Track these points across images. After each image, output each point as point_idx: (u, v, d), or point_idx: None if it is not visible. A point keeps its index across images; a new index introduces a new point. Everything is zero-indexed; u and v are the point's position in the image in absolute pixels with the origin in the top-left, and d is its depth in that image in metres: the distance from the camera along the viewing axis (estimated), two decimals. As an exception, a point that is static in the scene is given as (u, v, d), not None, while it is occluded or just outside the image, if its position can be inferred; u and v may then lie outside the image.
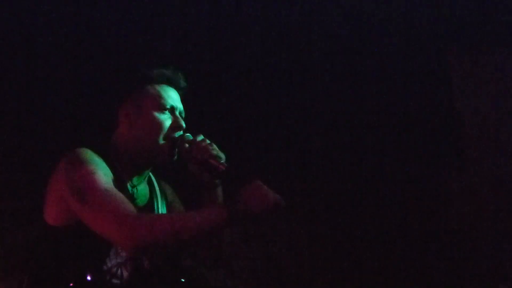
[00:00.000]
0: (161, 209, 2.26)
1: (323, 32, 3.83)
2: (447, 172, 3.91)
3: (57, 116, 3.46)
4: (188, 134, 2.16)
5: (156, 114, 2.14)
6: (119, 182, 2.03)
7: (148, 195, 2.23)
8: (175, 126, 2.16)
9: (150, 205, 2.21)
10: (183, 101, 2.26)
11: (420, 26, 3.81)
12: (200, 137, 2.15)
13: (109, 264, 2.01)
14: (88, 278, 1.96)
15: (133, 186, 2.15)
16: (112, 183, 1.95)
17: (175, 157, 2.15)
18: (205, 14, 3.69)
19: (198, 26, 3.68)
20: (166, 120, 2.15)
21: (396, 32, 3.84)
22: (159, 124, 2.13)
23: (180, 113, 2.22)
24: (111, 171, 2.02)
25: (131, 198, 2.08)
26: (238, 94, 3.80)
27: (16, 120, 3.48)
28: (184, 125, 2.18)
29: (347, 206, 3.91)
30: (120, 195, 1.89)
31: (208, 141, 2.14)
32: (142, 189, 2.21)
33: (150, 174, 2.29)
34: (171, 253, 2.21)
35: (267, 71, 3.87)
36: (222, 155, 2.13)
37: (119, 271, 2.03)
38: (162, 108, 2.15)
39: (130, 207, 1.87)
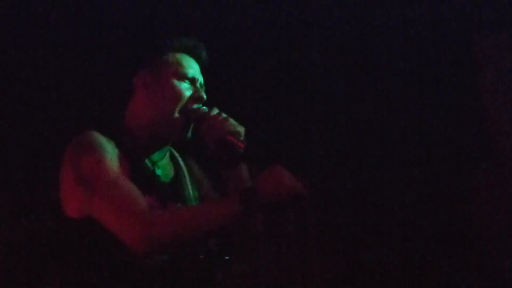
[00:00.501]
0: (190, 186, 2.07)
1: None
2: (472, 168, 3.79)
3: (67, 89, 3.34)
4: (204, 107, 1.99)
5: (176, 82, 1.98)
6: (137, 160, 1.88)
7: (173, 172, 2.05)
8: (195, 97, 1.99)
9: (176, 182, 2.03)
10: (203, 74, 2.09)
11: (443, 12, 3.71)
12: (215, 111, 1.97)
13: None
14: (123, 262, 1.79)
15: (153, 163, 1.98)
16: (121, 171, 1.78)
17: (189, 133, 1.98)
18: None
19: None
20: (187, 89, 1.99)
21: (418, 20, 3.75)
22: (179, 93, 1.96)
23: (200, 85, 2.05)
24: (126, 151, 1.86)
25: (152, 175, 1.93)
26: (262, 69, 3.71)
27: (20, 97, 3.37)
28: (205, 97, 2.02)
29: (371, 203, 3.81)
30: (129, 187, 1.74)
31: (224, 115, 1.96)
32: (164, 165, 2.03)
33: (173, 150, 2.12)
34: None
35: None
36: (241, 130, 1.95)
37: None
38: (183, 77, 1.99)
39: (141, 201, 1.72)
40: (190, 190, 2.06)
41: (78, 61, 3.37)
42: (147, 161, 1.95)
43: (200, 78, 2.06)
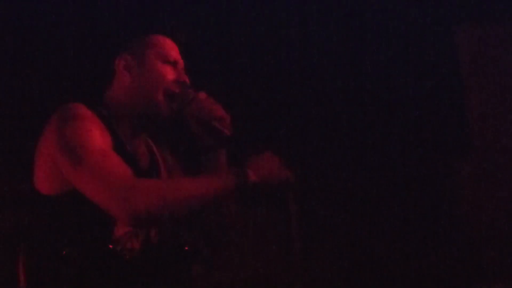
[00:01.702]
0: (163, 170, 2.06)
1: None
2: (454, 160, 3.78)
3: (46, 72, 3.29)
4: (190, 90, 1.97)
5: (159, 64, 1.96)
6: (117, 142, 1.83)
7: (149, 158, 2.03)
8: (178, 79, 1.97)
9: (151, 166, 2.01)
10: (183, 57, 2.06)
11: (426, 3, 3.71)
12: (203, 95, 1.96)
13: (117, 234, 1.80)
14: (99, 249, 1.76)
15: (134, 147, 1.95)
16: (108, 143, 1.76)
17: (173, 114, 1.95)
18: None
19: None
20: (169, 72, 1.96)
21: (401, 12, 3.75)
22: (162, 75, 1.94)
23: (181, 68, 2.03)
24: (108, 129, 1.82)
25: (133, 159, 1.89)
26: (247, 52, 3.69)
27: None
28: (187, 80, 1.99)
29: (351, 200, 3.79)
30: (118, 158, 1.70)
31: (212, 100, 1.95)
32: (143, 150, 2.01)
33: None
34: (175, 225, 2.00)
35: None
36: (228, 117, 1.94)
37: (128, 243, 1.83)
38: (166, 59, 1.97)
39: (127, 171, 1.68)
40: (163, 175, 2.04)
41: (57, 41, 3.32)
42: (127, 144, 1.92)
43: (181, 61, 2.03)
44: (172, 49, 2.01)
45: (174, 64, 1.99)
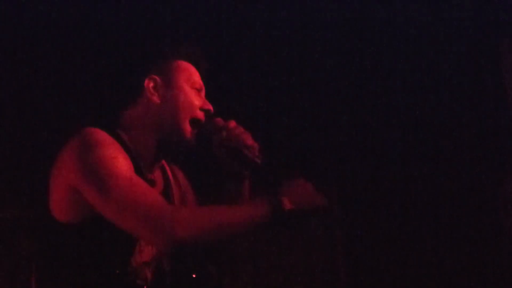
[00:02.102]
0: (176, 196, 2.04)
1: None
2: (499, 175, 3.68)
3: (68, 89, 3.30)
4: (219, 118, 1.95)
5: (189, 89, 1.94)
6: (136, 166, 1.79)
7: (162, 180, 2.00)
8: (204, 108, 1.94)
9: (166, 193, 1.97)
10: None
11: (469, 18, 3.64)
12: (233, 123, 1.94)
13: (134, 264, 1.79)
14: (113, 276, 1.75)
15: (151, 173, 1.92)
16: (133, 169, 1.72)
17: (195, 141, 1.93)
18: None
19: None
20: (197, 98, 1.94)
21: (444, 25, 3.69)
22: (191, 100, 1.92)
23: (204, 96, 2.01)
24: (126, 151, 1.79)
25: (149, 184, 1.82)
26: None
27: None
28: (212, 108, 1.96)
29: (394, 207, 3.76)
30: (148, 186, 1.68)
31: (241, 128, 1.93)
32: (158, 176, 1.98)
33: None
34: (198, 254, 1.99)
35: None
36: (256, 146, 1.92)
37: (143, 273, 1.83)
38: (193, 85, 1.95)
39: (159, 197, 1.67)
40: (176, 202, 2.02)
41: (83, 60, 3.34)
42: (145, 170, 1.89)
43: (204, 89, 2.02)
44: (197, 76, 1.99)
45: (199, 91, 1.98)
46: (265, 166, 1.90)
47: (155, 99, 1.90)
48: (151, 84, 1.92)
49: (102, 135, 1.74)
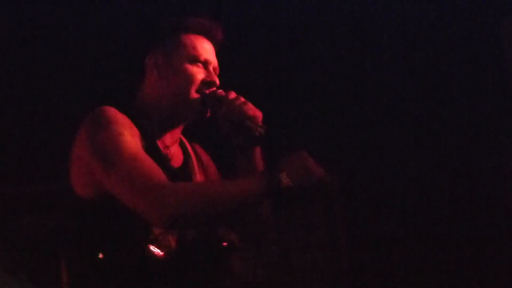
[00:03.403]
0: (198, 172, 2.03)
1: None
2: (500, 156, 3.71)
3: (76, 69, 3.32)
4: (220, 90, 1.94)
5: (188, 65, 1.93)
6: (149, 142, 1.83)
7: (182, 157, 2.01)
8: (207, 81, 1.93)
9: (185, 168, 1.98)
10: (218, 56, 2.03)
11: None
12: (233, 94, 1.92)
13: (156, 232, 1.78)
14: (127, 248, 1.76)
15: (166, 146, 1.93)
16: (140, 146, 1.75)
17: (207, 114, 1.94)
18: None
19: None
20: (199, 73, 1.93)
21: (445, 5, 3.66)
22: (190, 76, 1.91)
23: (214, 69, 2.00)
24: (140, 131, 1.82)
25: (165, 159, 1.88)
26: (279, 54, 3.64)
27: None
28: (218, 81, 1.96)
29: (397, 201, 3.76)
30: (149, 161, 1.70)
31: (242, 99, 1.91)
32: (175, 150, 1.99)
33: (181, 136, 2.07)
34: (207, 227, 1.98)
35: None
36: (259, 115, 1.90)
37: (165, 240, 1.81)
38: (195, 59, 1.94)
39: (160, 174, 1.68)
40: (197, 177, 2.01)
41: (89, 40, 3.35)
42: (160, 143, 1.91)
43: (214, 61, 2.00)
44: (203, 49, 1.97)
45: (204, 64, 1.96)
46: (270, 136, 1.87)
47: (156, 76, 1.93)
48: (151, 62, 1.95)
49: (112, 113, 1.78)
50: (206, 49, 1.98)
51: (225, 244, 1.93)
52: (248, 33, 3.64)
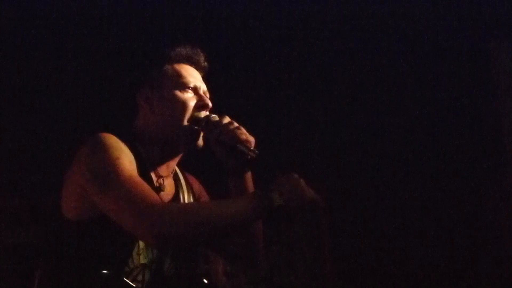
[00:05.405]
0: (188, 202, 2.05)
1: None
2: (486, 174, 3.74)
3: (73, 106, 3.32)
4: (214, 115, 1.96)
5: (178, 92, 1.95)
6: (144, 171, 1.84)
7: (174, 191, 2.02)
8: (200, 105, 1.96)
9: (176, 198, 2.01)
10: (205, 81, 2.06)
11: (460, 20, 3.65)
12: (227, 119, 1.94)
13: (131, 266, 1.81)
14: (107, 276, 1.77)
15: (159, 177, 1.95)
16: (136, 171, 1.77)
17: (200, 141, 1.96)
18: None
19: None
20: (190, 99, 1.96)
21: (434, 26, 3.70)
22: (181, 104, 1.94)
23: (204, 92, 2.02)
24: (137, 158, 1.83)
25: (157, 189, 1.90)
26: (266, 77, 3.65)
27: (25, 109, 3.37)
28: (210, 104, 1.98)
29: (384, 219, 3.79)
30: (145, 184, 1.72)
31: (235, 124, 1.93)
32: (169, 182, 2.01)
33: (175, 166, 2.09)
34: (194, 253, 1.99)
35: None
36: (252, 140, 1.91)
37: (140, 275, 1.83)
38: (184, 86, 1.96)
39: (155, 196, 1.70)
40: None
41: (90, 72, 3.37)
42: (153, 174, 1.94)
43: (203, 86, 2.03)
44: (190, 76, 2.00)
45: (194, 90, 1.99)
46: (261, 160, 1.89)
47: (149, 110, 1.96)
48: (142, 98, 1.98)
49: (108, 139, 1.80)
50: (193, 75, 2.01)
51: (205, 281, 1.94)
52: (239, 58, 3.67)
